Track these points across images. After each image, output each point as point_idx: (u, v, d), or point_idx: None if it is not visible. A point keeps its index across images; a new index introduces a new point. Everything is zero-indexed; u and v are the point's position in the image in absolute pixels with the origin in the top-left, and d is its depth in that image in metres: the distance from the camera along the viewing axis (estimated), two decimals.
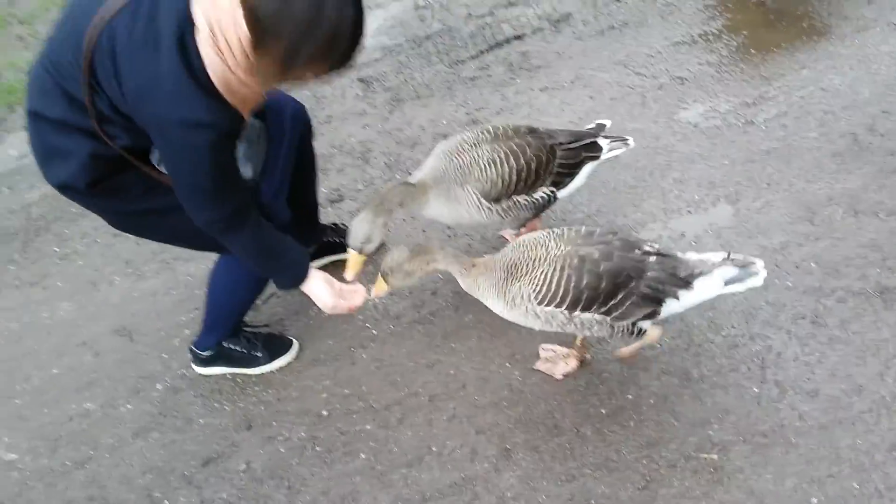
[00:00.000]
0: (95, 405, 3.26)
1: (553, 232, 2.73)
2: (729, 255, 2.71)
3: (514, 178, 3.01)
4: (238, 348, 3.23)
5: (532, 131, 3.14)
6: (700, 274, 2.66)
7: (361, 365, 3.26)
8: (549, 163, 3.10)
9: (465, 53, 5.09)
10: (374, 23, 5.58)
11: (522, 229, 3.44)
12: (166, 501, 2.89)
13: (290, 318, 3.49)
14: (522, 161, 3.02)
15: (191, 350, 3.24)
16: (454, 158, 3.05)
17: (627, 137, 3.33)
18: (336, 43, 2.15)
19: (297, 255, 2.77)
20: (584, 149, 3.19)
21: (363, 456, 2.95)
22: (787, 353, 3.03)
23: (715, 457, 2.76)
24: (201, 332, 3.22)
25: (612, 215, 3.74)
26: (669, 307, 2.67)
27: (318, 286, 2.78)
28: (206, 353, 3.23)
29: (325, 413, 3.10)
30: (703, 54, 4.66)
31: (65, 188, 2.55)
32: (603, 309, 2.62)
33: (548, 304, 2.62)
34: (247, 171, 2.68)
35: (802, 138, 3.96)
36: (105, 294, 3.73)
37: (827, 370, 2.95)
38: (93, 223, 4.05)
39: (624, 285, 2.59)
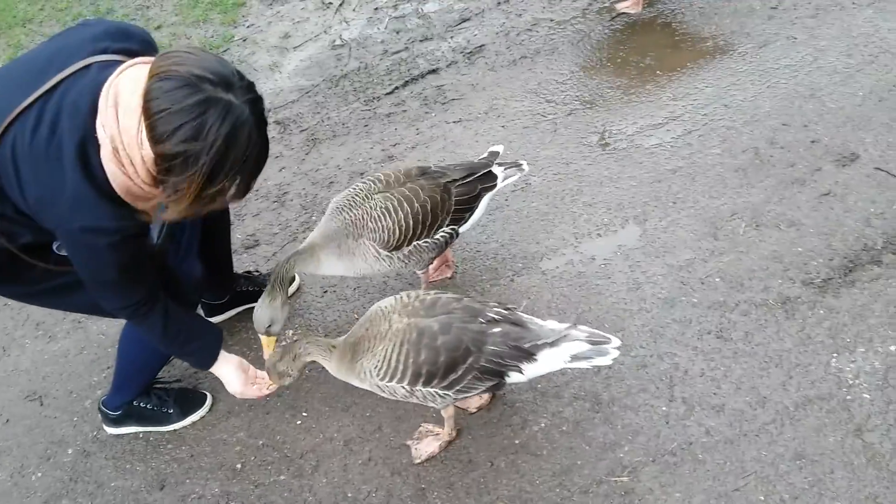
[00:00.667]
0: (5, 475, 3.18)
1: (400, 301, 2.69)
2: (574, 325, 2.61)
3: (412, 222, 2.98)
4: (149, 406, 3.18)
5: (424, 172, 3.12)
6: (545, 345, 2.57)
7: (276, 414, 3.22)
8: (446, 202, 3.07)
9: (381, 90, 5.12)
10: (290, 64, 5.60)
11: (431, 268, 3.45)
12: None
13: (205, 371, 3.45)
14: (417, 205, 2.99)
15: (100, 410, 3.18)
16: (346, 213, 3.02)
17: (521, 162, 3.34)
18: (244, 173, 2.17)
19: (206, 341, 2.80)
20: (478, 180, 3.18)
21: None
22: (694, 369, 3.07)
23: (626, 479, 2.78)
24: (111, 391, 3.17)
25: (525, 243, 3.77)
26: (514, 378, 2.62)
27: (228, 371, 2.83)
28: (116, 413, 3.17)
29: (238, 466, 3.06)
30: (611, 78, 4.75)
31: None
32: (444, 383, 2.58)
33: (389, 380, 2.60)
34: (151, 235, 2.66)
35: (706, 155, 4.06)
36: (15, 359, 3.64)
37: (732, 384, 3.00)
38: None
39: (463, 359, 2.55)
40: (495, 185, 3.22)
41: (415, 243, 3.06)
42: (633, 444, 2.87)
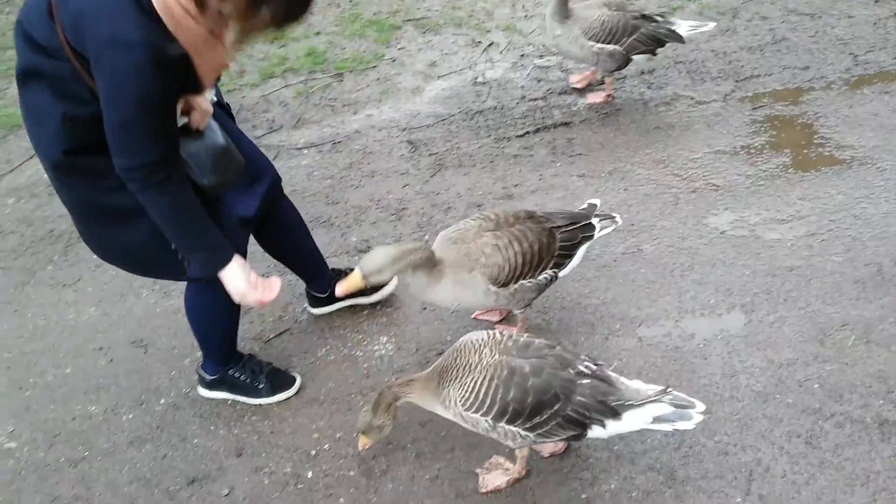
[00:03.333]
0: (99, 409, 3.39)
1: (492, 337, 2.76)
2: (667, 388, 2.66)
3: (520, 261, 3.09)
4: (242, 377, 3.34)
5: (531, 216, 3.24)
6: (631, 405, 2.63)
7: (357, 412, 3.32)
8: (551, 245, 3.19)
9: (512, 132, 5.27)
10: (431, 91, 5.83)
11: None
12: None
13: (298, 356, 3.61)
14: (526, 245, 3.10)
15: (198, 372, 3.36)
16: (460, 245, 3.12)
17: (615, 215, 3.47)
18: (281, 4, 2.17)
19: (220, 237, 2.66)
20: (580, 229, 3.30)
21: (342, 500, 3.00)
22: (776, 468, 3.02)
23: None
24: (204, 358, 3.34)
25: (626, 305, 3.80)
26: (595, 433, 2.67)
27: (235, 273, 2.67)
28: (211, 378, 3.34)
29: (313, 453, 3.17)
30: (742, 166, 4.75)
31: (49, 160, 2.55)
32: (527, 425, 2.64)
33: (474, 412, 2.67)
34: (207, 178, 2.68)
35: (827, 260, 4.00)
36: (130, 305, 3.89)
37: (813, 493, 2.93)
38: None
39: (550, 404, 2.60)
40: (593, 236, 3.35)
41: (520, 282, 3.16)
42: None
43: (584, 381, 2.65)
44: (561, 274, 3.32)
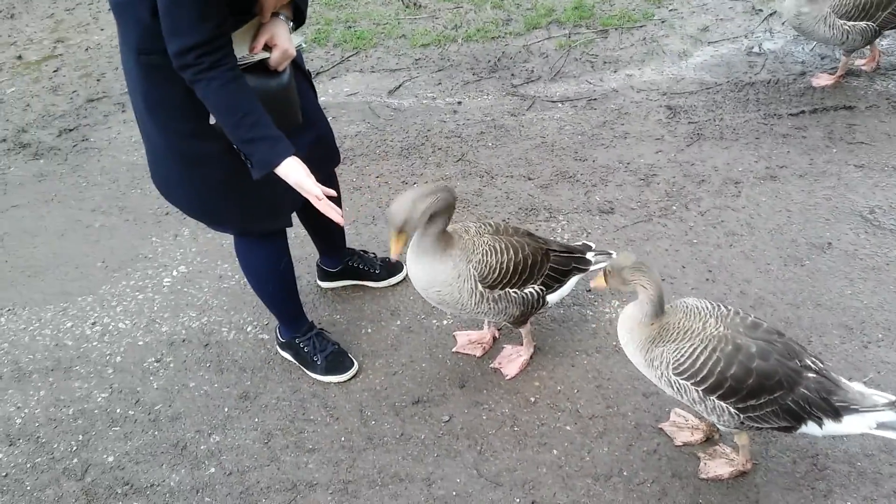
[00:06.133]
0: (343, 318, 3.64)
1: (717, 308, 2.63)
2: (894, 403, 2.52)
3: (511, 269, 2.99)
4: (305, 348, 3.35)
5: (529, 234, 3.16)
6: (855, 409, 2.51)
7: (580, 370, 3.30)
8: (543, 264, 3.11)
9: (784, 109, 4.87)
10: (699, 57, 5.54)
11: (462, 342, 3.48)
12: (373, 422, 3.16)
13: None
14: (520, 256, 3.02)
15: (275, 330, 3.47)
16: (462, 236, 3.01)
17: (612, 252, 3.31)
18: None
19: (277, 131, 2.59)
20: (574, 260, 3.21)
21: (555, 452, 3.00)
22: None
23: None
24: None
25: (895, 315, 3.40)
26: (809, 429, 2.54)
27: (293, 165, 2.59)
28: (282, 340, 3.42)
29: (532, 400, 3.19)
30: None
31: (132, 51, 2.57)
32: (740, 405, 2.51)
33: (686, 378, 2.54)
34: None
35: None
36: (379, 229, 4.11)
37: None
38: (378, 167, 4.49)
39: (771, 390, 2.49)
40: (587, 269, 3.26)
41: (507, 290, 3.02)
42: None
43: (810, 375, 2.54)
44: (549, 297, 3.16)
